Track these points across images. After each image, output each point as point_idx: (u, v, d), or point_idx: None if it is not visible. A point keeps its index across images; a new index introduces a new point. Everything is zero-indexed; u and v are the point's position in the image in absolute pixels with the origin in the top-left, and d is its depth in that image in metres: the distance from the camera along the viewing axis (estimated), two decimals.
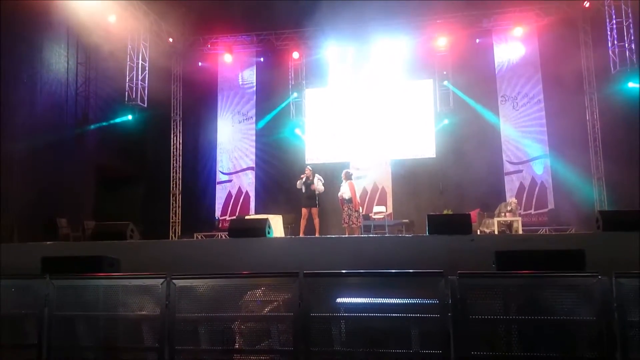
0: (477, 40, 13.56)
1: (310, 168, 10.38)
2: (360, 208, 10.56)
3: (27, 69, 10.28)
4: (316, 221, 10.07)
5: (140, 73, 12.73)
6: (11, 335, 3.88)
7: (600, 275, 3.15)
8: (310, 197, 10.06)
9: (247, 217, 11.52)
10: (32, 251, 4.97)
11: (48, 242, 6.67)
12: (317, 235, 9.73)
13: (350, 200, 9.86)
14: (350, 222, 9.79)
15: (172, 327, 3.60)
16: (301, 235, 10.03)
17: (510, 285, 3.31)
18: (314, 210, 10.07)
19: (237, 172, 14.55)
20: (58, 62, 11.21)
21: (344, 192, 9.95)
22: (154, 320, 3.65)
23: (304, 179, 10.09)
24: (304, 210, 10.14)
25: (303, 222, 10.14)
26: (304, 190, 10.11)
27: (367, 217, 12.25)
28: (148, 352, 3.67)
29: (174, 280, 3.62)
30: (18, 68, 9.95)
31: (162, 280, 3.62)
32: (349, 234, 9.63)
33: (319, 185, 10.09)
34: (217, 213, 14.37)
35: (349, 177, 10.20)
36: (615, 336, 3.07)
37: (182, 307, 3.63)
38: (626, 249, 4.04)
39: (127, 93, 12.52)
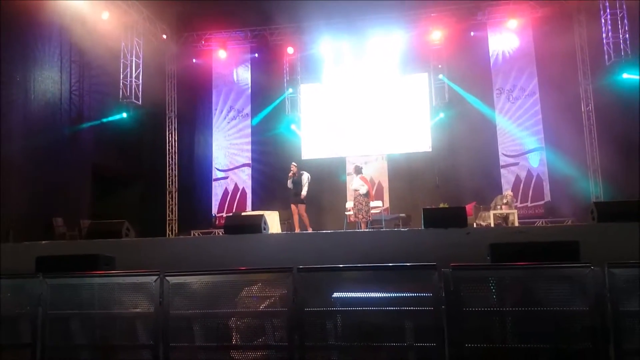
0: (472, 33, 13.54)
1: (295, 164, 10.32)
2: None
3: (21, 68, 10.20)
4: (304, 217, 9.99)
5: (134, 70, 12.67)
6: (5, 335, 3.88)
7: (593, 266, 3.16)
8: (297, 194, 10.01)
9: (243, 214, 11.49)
10: (27, 251, 4.94)
11: (43, 242, 6.63)
12: (309, 230, 9.68)
13: (367, 195, 9.74)
14: (361, 216, 9.62)
15: (166, 324, 3.60)
16: (297, 231, 10.00)
17: (504, 277, 3.32)
18: (301, 207, 10.01)
19: (233, 168, 14.52)
20: (51, 60, 11.12)
21: (359, 186, 9.78)
22: (148, 317, 3.65)
23: (291, 177, 10.05)
24: (292, 207, 10.15)
25: (295, 218, 10.14)
26: (292, 187, 10.08)
27: None
28: (143, 349, 3.67)
29: (167, 277, 3.61)
30: (11, 67, 9.87)
31: (155, 277, 3.61)
32: (364, 228, 9.53)
33: (305, 186, 9.99)
34: (214, 210, 14.35)
35: (359, 170, 10.08)
36: (608, 326, 3.08)
37: (176, 304, 3.62)
38: (621, 240, 4.03)
39: (121, 91, 12.46)
